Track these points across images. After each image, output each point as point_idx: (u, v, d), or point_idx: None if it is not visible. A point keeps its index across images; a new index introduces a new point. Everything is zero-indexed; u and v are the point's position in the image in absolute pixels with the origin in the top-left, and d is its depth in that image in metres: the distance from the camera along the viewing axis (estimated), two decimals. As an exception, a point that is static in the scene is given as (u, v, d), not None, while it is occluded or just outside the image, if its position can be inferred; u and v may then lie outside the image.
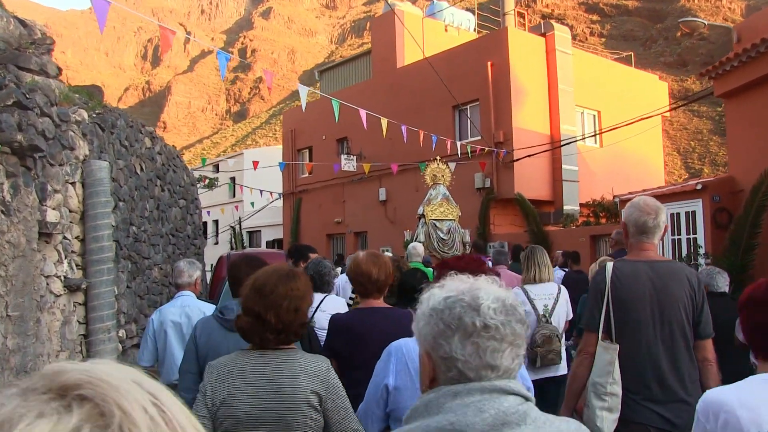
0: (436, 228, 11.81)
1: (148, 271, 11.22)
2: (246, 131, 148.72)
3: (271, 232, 31.55)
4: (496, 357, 1.35)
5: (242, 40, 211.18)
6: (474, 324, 1.35)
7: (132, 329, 10.00)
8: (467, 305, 1.37)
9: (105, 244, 8.40)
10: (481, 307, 1.36)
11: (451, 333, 1.36)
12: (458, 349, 1.35)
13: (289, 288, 2.48)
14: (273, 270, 2.59)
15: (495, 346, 1.34)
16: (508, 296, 1.42)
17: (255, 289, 2.50)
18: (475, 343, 1.35)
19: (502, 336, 1.35)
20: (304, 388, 2.39)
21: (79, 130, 8.62)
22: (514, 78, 17.84)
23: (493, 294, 1.40)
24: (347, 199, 23.53)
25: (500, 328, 1.35)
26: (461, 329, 1.36)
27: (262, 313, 2.41)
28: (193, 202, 14.95)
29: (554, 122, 18.44)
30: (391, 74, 21.63)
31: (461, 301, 1.39)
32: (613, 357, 3.04)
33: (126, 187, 10.32)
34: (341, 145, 24.03)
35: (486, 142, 17.18)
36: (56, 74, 10.61)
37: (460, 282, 1.46)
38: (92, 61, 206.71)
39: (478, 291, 1.40)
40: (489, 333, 1.34)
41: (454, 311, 1.38)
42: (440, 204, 12.09)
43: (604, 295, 3.14)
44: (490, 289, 1.42)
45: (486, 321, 1.34)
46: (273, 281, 2.49)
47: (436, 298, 1.44)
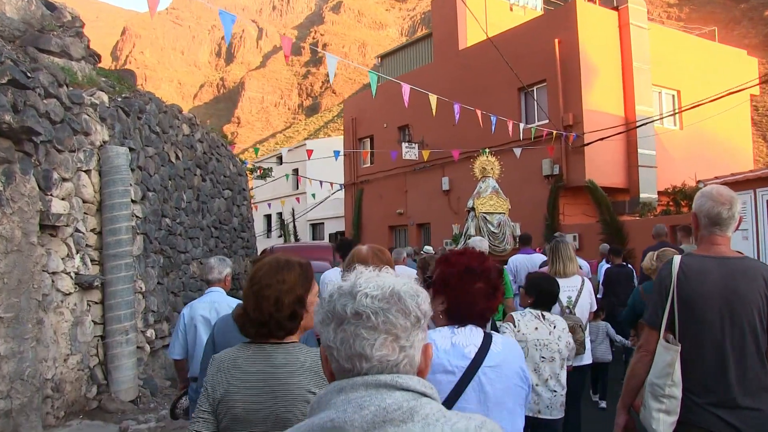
0: (486, 221, 11.48)
1: (185, 266, 10.55)
2: (318, 125, 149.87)
3: (334, 224, 30.92)
4: (365, 346, 1.27)
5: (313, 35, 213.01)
6: (345, 311, 1.30)
7: (163, 328, 9.32)
8: (344, 292, 1.33)
9: (123, 237, 7.69)
10: (358, 295, 1.30)
11: (328, 321, 1.33)
12: (331, 337, 1.32)
13: (276, 280, 2.37)
14: (269, 261, 2.48)
15: (364, 335, 1.28)
16: (399, 285, 1.34)
17: (249, 279, 2.45)
18: (344, 330, 1.29)
19: (374, 324, 1.28)
20: (301, 385, 2.27)
21: (96, 113, 7.94)
22: (584, 56, 16.42)
23: (377, 282, 1.34)
24: (409, 189, 22.58)
25: (371, 316, 1.28)
26: (336, 317, 1.32)
27: (247, 305, 2.36)
28: (241, 192, 14.26)
29: (629, 103, 16.90)
30: (453, 57, 20.50)
31: (342, 288, 1.35)
32: (673, 358, 2.91)
33: (157, 176, 9.64)
34: (403, 132, 23.08)
35: (554, 126, 15.86)
36: (82, 57, 10.01)
37: (358, 273, 1.40)
38: (169, 60, 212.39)
39: (360, 278, 1.36)
40: (359, 320, 1.29)
41: (333, 298, 1.34)
42: (490, 197, 11.72)
43: (669, 291, 3.00)
44: (379, 277, 1.37)
45: (357, 308, 1.29)
46: (263, 272, 2.41)
47: (331, 288, 1.39)
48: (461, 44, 20.50)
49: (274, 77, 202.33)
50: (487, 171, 12.24)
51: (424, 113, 21.78)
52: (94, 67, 10.38)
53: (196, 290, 10.89)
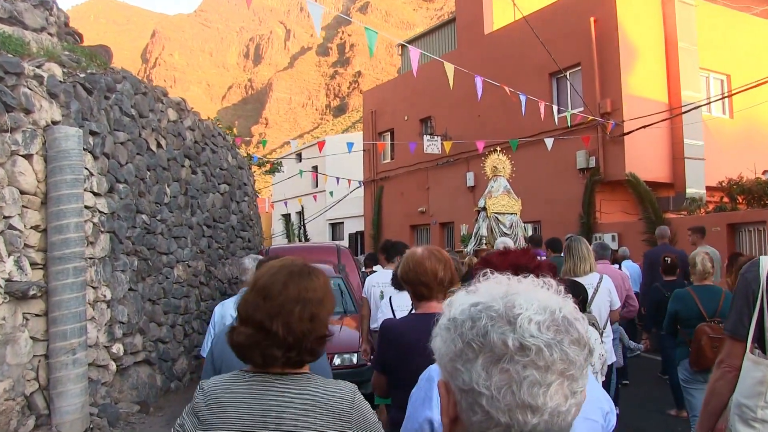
0: (498, 222, 11.20)
1: (167, 269, 9.22)
2: (346, 125, 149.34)
3: (354, 223, 29.55)
4: (536, 394, 0.93)
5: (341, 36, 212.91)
6: (505, 343, 0.95)
7: (135, 342, 7.99)
8: (498, 316, 0.98)
9: (72, 235, 6.36)
10: (519, 320, 0.96)
11: (473, 355, 0.97)
12: (481, 378, 0.96)
13: (303, 288, 1.89)
14: (281, 266, 1.98)
15: (536, 378, 0.93)
16: (562, 306, 1.00)
17: (257, 290, 1.91)
18: (506, 370, 0.94)
19: (548, 363, 0.94)
20: (315, 429, 1.79)
21: (42, 88, 6.61)
22: (624, 36, 14.82)
23: (539, 302, 0.99)
24: (432, 186, 21.15)
25: (544, 350, 0.94)
26: (487, 350, 0.96)
27: (266, 321, 1.82)
28: (241, 187, 12.93)
29: (673, 88, 15.26)
30: (479, 42, 19.01)
31: (490, 309, 0.99)
32: (765, 375, 2.56)
33: (131, 165, 8.32)
34: (425, 125, 21.65)
35: (590, 113, 14.28)
36: (41, 27, 8.68)
37: (497, 284, 1.05)
38: (198, 62, 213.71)
39: (516, 297, 1.00)
40: (527, 357, 0.94)
41: (478, 324, 0.98)
42: (502, 197, 11.53)
43: (756, 297, 2.70)
44: (536, 294, 1.01)
45: (523, 340, 0.94)
46: (281, 280, 1.90)
47: (459, 306, 1.03)
48: (487, 28, 19.02)
49: (301, 78, 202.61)
50: (498, 170, 11.96)
51: (447, 104, 20.46)
52: (69, 45, 9.14)
53: (181, 297, 9.58)
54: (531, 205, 16.54)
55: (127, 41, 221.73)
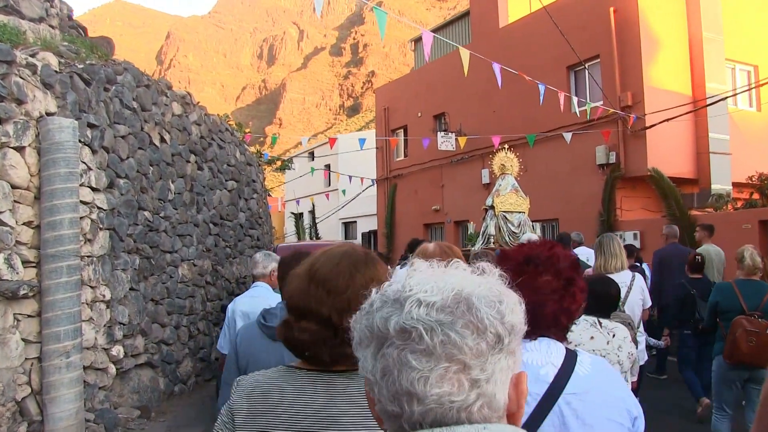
0: (506, 220, 11.05)
1: (171, 268, 8.89)
2: (359, 125, 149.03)
3: (367, 222, 29.18)
4: (413, 379, 0.87)
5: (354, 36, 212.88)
6: (387, 327, 0.91)
7: (137, 344, 7.65)
8: (389, 300, 0.94)
9: (66, 232, 6.02)
10: (407, 302, 0.91)
11: (366, 341, 0.95)
12: (369, 366, 0.93)
13: (369, 278, 1.65)
14: (341, 253, 1.76)
15: (411, 363, 0.87)
16: (470, 286, 0.93)
17: (318, 281, 1.68)
18: (386, 356, 0.90)
19: (429, 347, 0.87)
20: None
21: (36, 78, 6.29)
22: (645, 26, 14.33)
23: (435, 283, 0.92)
24: (446, 183, 20.73)
25: (424, 334, 0.87)
26: (375, 336, 0.93)
27: (334, 317, 1.61)
28: (250, 184, 12.58)
29: (697, 80, 14.72)
30: (493, 36, 18.56)
31: (385, 293, 0.96)
32: None
33: (132, 160, 8.00)
34: (439, 121, 21.23)
35: (610, 106, 13.80)
36: (39, 17, 8.38)
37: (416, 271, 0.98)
38: (212, 63, 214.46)
39: (412, 279, 0.95)
40: (406, 341, 0.89)
41: (371, 308, 0.96)
42: (509, 195, 11.38)
43: None
44: (438, 276, 0.95)
45: (404, 322, 0.89)
46: (345, 270, 1.69)
47: (371, 295, 0.99)
48: (501, 22, 18.56)
49: (315, 78, 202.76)
50: (506, 168, 11.79)
51: (462, 100, 20.06)
52: (70, 36, 8.84)
53: (186, 297, 9.25)
54: (548, 202, 16.11)
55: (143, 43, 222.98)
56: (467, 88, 19.36)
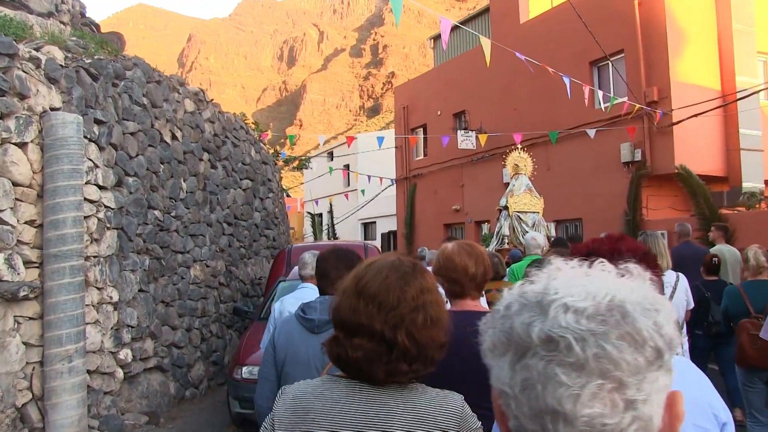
0: (520, 221, 10.95)
1: (183, 268, 8.65)
2: (380, 125, 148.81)
3: (386, 222, 28.88)
4: (562, 397, 0.75)
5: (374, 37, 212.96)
6: (529, 334, 0.79)
7: (146, 347, 7.42)
8: (530, 303, 0.82)
9: (69, 231, 5.79)
10: (552, 307, 0.79)
11: (503, 349, 0.84)
12: (507, 377, 0.82)
13: (419, 291, 1.67)
14: (389, 266, 1.71)
15: (562, 378, 0.75)
16: (620, 293, 0.80)
17: (369, 296, 1.64)
18: (528, 367, 0.78)
19: (580, 360, 0.76)
20: None
21: (40, 72, 6.07)
22: (671, 18, 13.88)
23: (584, 287, 0.81)
24: (466, 183, 20.37)
25: (575, 345, 0.76)
26: (515, 343, 0.81)
27: (388, 333, 1.60)
28: (265, 183, 12.34)
29: (726, 74, 14.23)
30: (514, 32, 18.17)
31: (524, 295, 0.84)
32: None
33: (141, 157, 7.77)
34: (459, 120, 20.89)
35: (636, 102, 13.38)
36: (48, 12, 8.23)
37: (554, 269, 0.88)
38: (232, 65, 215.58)
39: (557, 281, 0.83)
40: (555, 352, 0.77)
41: (509, 312, 0.84)
42: (523, 195, 11.30)
43: None
44: (587, 279, 0.84)
45: (551, 331, 0.77)
46: (396, 284, 1.66)
47: (504, 297, 0.89)
48: (522, 17, 18.17)
49: (335, 79, 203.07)
50: (519, 168, 11.74)
51: (482, 97, 19.70)
52: (79, 32, 8.65)
53: (199, 298, 9.01)
54: (571, 201, 15.71)
55: (165, 46, 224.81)
56: (487, 86, 19.01)
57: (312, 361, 2.85)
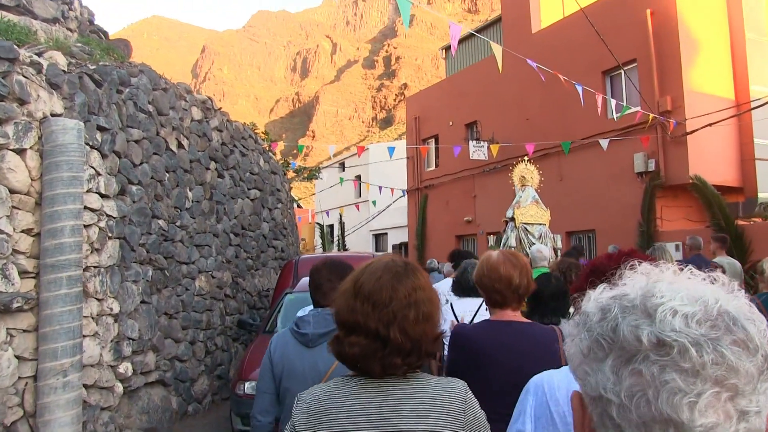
0: (527, 233, 10.81)
1: (187, 280, 8.48)
2: (392, 137, 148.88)
3: (397, 234, 28.67)
4: (679, 405, 0.73)
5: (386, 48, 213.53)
6: (638, 338, 0.76)
7: (147, 361, 7.23)
8: (632, 306, 0.80)
9: (67, 240, 5.63)
10: (659, 311, 0.77)
11: (602, 354, 0.80)
12: (610, 382, 0.78)
13: (411, 289, 1.79)
14: (383, 267, 1.84)
15: (678, 384, 0.73)
16: (723, 299, 0.79)
17: (364, 296, 1.78)
18: (639, 372, 0.76)
19: (696, 366, 0.73)
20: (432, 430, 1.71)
21: (41, 77, 5.93)
22: (684, 27, 13.66)
23: (688, 291, 0.79)
24: (478, 194, 20.14)
25: (691, 349, 0.74)
26: (617, 347, 0.78)
27: (382, 330, 1.73)
28: (274, 193, 12.17)
29: (740, 82, 14.01)
30: (526, 42, 17.99)
31: (624, 299, 0.81)
32: None
33: (146, 166, 7.62)
34: (471, 130, 20.70)
35: (650, 111, 13.14)
36: (53, 18, 8.10)
37: (641, 274, 0.86)
38: (246, 76, 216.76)
39: (658, 285, 0.81)
40: (668, 357, 0.74)
41: (608, 316, 0.81)
42: (530, 207, 11.12)
43: None
44: (686, 283, 0.82)
45: (662, 334, 0.75)
46: (388, 283, 1.79)
47: (593, 299, 0.87)
48: (534, 27, 17.99)
49: (348, 91, 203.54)
50: (526, 180, 11.59)
51: (494, 107, 19.49)
52: (85, 38, 8.54)
53: (203, 310, 8.83)
54: (584, 212, 15.45)
55: (179, 57, 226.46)
56: (499, 96, 18.83)
57: (308, 374, 2.83)
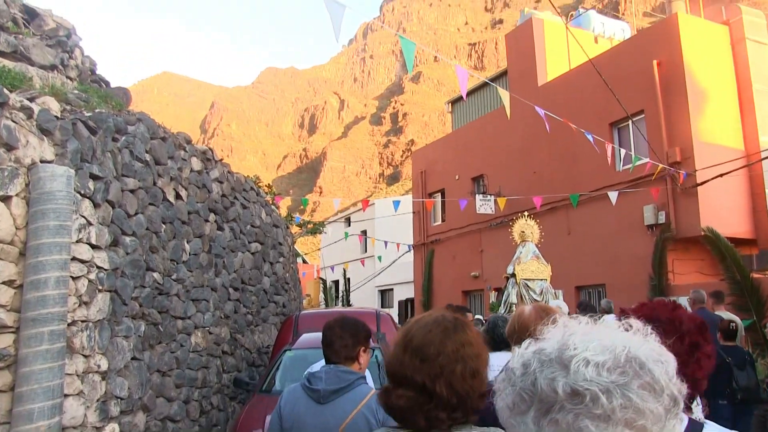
0: (528, 288, 10.92)
1: (183, 335, 8.13)
2: (399, 193, 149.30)
3: (403, 290, 28.23)
4: None
5: (393, 105, 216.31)
6: (554, 389, 0.85)
7: (137, 422, 6.83)
8: (549, 360, 0.89)
9: (51, 292, 5.33)
10: (573, 362, 0.86)
11: (524, 407, 0.88)
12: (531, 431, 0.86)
13: (460, 344, 1.80)
14: (432, 321, 1.87)
15: (592, 430, 0.81)
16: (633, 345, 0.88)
17: (413, 350, 1.80)
18: (556, 421, 0.83)
19: (607, 411, 0.81)
20: None
21: (32, 122, 5.73)
22: (691, 78, 13.57)
23: (600, 341, 0.88)
24: (485, 249, 19.84)
25: (601, 397, 0.82)
26: (539, 399, 0.86)
27: (428, 383, 1.74)
28: (276, 247, 11.89)
29: (749, 133, 13.84)
30: (532, 94, 17.91)
31: (542, 353, 0.90)
32: None
33: (141, 216, 7.37)
34: (477, 184, 20.52)
35: (659, 162, 12.92)
36: (51, 65, 8.00)
37: (560, 327, 0.94)
38: (254, 132, 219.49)
39: (572, 337, 0.90)
40: (581, 405, 0.82)
41: (528, 370, 0.90)
42: (531, 263, 11.27)
43: None
44: (598, 334, 0.90)
45: (576, 384, 0.84)
46: (437, 338, 1.81)
47: (518, 356, 0.95)
48: (540, 80, 17.98)
49: (355, 147, 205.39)
50: (526, 235, 11.80)
51: (500, 161, 19.35)
52: (83, 86, 8.41)
53: (199, 368, 8.45)
54: (593, 267, 15.11)
55: (188, 113, 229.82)
56: (506, 149, 18.72)
57: (318, 431, 2.79)
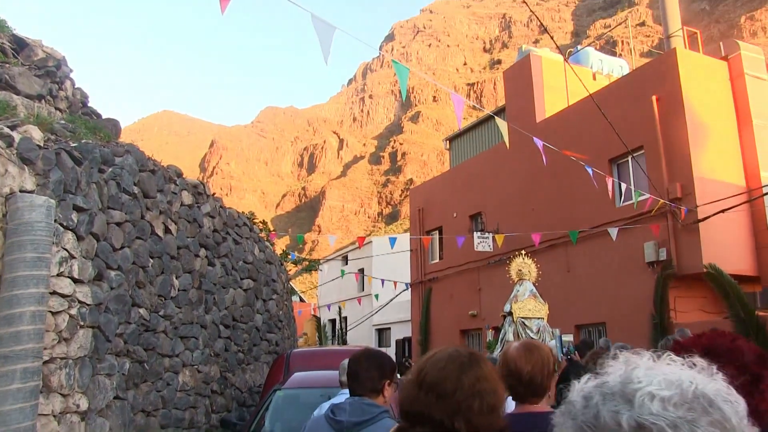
0: (525, 327, 10.86)
1: (170, 374, 7.82)
2: (398, 232, 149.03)
3: (401, 329, 27.82)
4: None
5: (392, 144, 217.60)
6: (618, 423, 0.81)
7: (118, 464, 6.49)
8: (612, 393, 0.85)
9: (26, 328, 5.08)
10: (637, 396, 0.82)
11: None
12: None
13: (476, 379, 1.76)
14: (447, 356, 1.84)
15: None
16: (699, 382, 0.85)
17: (428, 386, 1.76)
18: None
19: None
20: None
21: (11, 151, 5.57)
22: (691, 113, 13.47)
23: (664, 376, 0.85)
24: (483, 287, 19.53)
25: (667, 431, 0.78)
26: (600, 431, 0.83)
27: (446, 421, 1.71)
28: (269, 284, 11.62)
29: (750, 169, 13.69)
30: (531, 130, 17.77)
31: (604, 386, 0.87)
32: None
33: (127, 250, 7.13)
34: (475, 221, 20.32)
35: (660, 197, 12.75)
36: (38, 94, 7.82)
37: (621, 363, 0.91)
38: (253, 170, 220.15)
39: (636, 371, 0.87)
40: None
41: (590, 403, 0.86)
42: (528, 301, 11.25)
43: None
44: (662, 368, 0.88)
45: (641, 418, 0.80)
46: (453, 374, 1.77)
47: (578, 387, 0.92)
48: (539, 116, 17.91)
49: (354, 186, 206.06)
50: (523, 273, 11.73)
51: (498, 198, 19.20)
52: (71, 116, 8.27)
53: (186, 407, 8.13)
54: (594, 305, 14.82)
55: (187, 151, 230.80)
56: (504, 187, 18.58)
57: None
